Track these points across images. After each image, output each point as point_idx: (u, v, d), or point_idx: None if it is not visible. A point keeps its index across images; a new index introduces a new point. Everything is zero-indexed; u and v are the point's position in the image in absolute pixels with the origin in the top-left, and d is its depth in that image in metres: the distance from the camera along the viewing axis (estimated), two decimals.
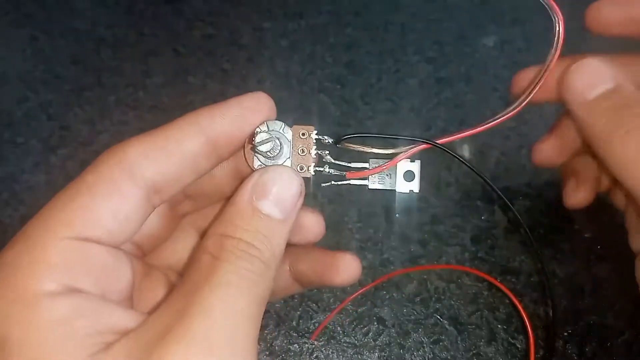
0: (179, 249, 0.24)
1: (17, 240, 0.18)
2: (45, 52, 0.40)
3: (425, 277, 0.34)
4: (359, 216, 0.35)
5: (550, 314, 0.32)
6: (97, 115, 0.38)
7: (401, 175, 0.24)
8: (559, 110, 0.39)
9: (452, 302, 0.33)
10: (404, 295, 0.33)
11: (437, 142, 0.23)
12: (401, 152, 0.23)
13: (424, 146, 0.23)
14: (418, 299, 0.33)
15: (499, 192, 0.27)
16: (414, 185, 0.24)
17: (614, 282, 0.33)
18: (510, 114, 0.25)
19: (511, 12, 0.42)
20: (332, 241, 0.35)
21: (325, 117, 0.38)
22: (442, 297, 0.33)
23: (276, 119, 0.22)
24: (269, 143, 0.21)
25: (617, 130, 0.22)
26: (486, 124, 0.24)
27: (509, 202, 0.27)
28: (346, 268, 0.24)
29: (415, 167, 0.24)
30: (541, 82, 0.26)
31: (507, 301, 0.33)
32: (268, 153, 0.21)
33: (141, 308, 0.20)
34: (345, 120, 0.38)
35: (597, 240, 0.34)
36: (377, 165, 0.23)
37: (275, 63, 0.40)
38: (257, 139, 0.21)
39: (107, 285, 0.18)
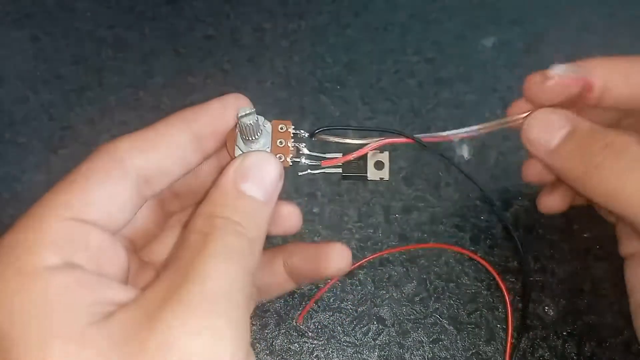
0: (168, 246, 0.25)
1: (18, 223, 0.19)
2: (46, 52, 0.40)
3: (424, 276, 0.34)
4: (358, 216, 0.35)
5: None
6: (98, 116, 0.38)
7: (372, 165, 0.26)
8: None
9: (452, 302, 0.33)
10: (403, 295, 0.33)
11: (402, 132, 0.25)
12: (370, 142, 0.25)
13: (390, 140, 0.25)
14: (417, 298, 0.33)
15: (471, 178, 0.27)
16: (384, 174, 0.26)
17: (612, 281, 0.33)
18: (484, 130, 0.27)
19: (510, 13, 0.42)
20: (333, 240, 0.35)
21: (325, 117, 0.38)
22: (442, 297, 0.33)
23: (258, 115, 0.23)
24: (252, 116, 0.22)
25: (587, 168, 0.23)
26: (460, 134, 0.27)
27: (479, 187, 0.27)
28: (337, 257, 0.26)
29: (385, 157, 0.26)
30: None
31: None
32: (249, 128, 0.22)
33: None
34: (345, 121, 0.38)
35: (596, 240, 0.34)
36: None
37: (275, 63, 0.40)
38: (241, 112, 0.22)
39: (103, 265, 0.19)
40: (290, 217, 0.25)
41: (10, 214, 0.36)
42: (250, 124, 0.22)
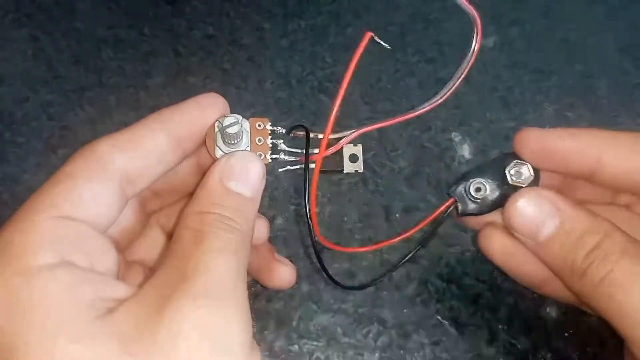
0: (149, 246, 0.26)
1: (9, 224, 0.19)
2: (46, 53, 0.40)
3: (425, 277, 0.34)
4: (359, 216, 0.35)
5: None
6: (97, 116, 0.38)
7: (347, 158, 0.27)
8: (559, 112, 0.39)
9: (453, 303, 0.33)
10: (404, 296, 0.33)
11: (375, 125, 0.26)
12: (344, 137, 0.25)
13: (362, 130, 0.25)
14: (419, 299, 0.33)
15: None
16: (358, 166, 0.27)
17: None
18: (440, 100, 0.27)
19: (510, 13, 0.42)
20: (332, 241, 0.35)
21: (325, 117, 0.38)
22: (443, 298, 0.33)
23: (234, 114, 0.24)
24: (236, 126, 0.23)
25: (574, 275, 0.22)
26: (414, 112, 0.26)
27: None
28: (280, 277, 0.28)
29: (358, 150, 0.27)
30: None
31: (509, 301, 0.33)
32: (233, 135, 0.23)
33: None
34: (346, 121, 0.38)
35: None
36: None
37: (275, 63, 0.40)
38: (226, 122, 0.23)
39: (96, 263, 0.20)
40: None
41: (10, 214, 0.36)
42: (235, 133, 0.23)
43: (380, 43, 0.23)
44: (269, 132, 0.24)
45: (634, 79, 0.40)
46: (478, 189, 0.26)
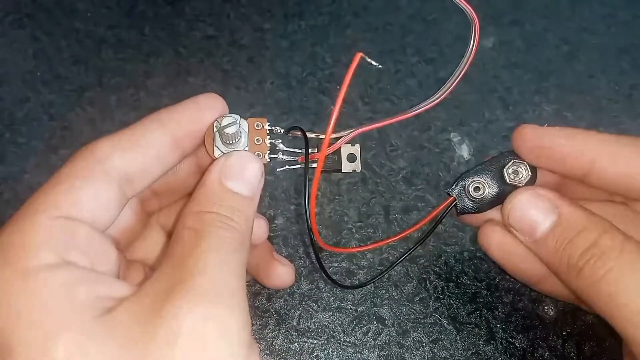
0: (149, 245, 0.26)
1: (9, 224, 0.19)
2: (47, 53, 0.40)
3: (424, 276, 0.34)
4: (358, 216, 0.35)
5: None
6: (98, 116, 0.38)
7: (345, 158, 0.27)
8: (558, 112, 0.39)
9: (452, 302, 0.33)
10: (403, 295, 0.33)
11: (370, 126, 0.26)
12: (342, 137, 0.25)
13: (360, 130, 0.25)
14: (417, 298, 0.33)
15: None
16: (356, 166, 0.27)
17: None
18: (436, 101, 0.27)
19: (510, 13, 0.42)
20: (332, 241, 0.35)
21: (325, 117, 0.38)
22: (441, 297, 0.33)
23: (232, 114, 0.24)
24: (234, 126, 0.23)
25: (571, 272, 0.22)
26: (410, 112, 0.26)
27: None
28: (279, 276, 0.28)
29: (356, 150, 0.27)
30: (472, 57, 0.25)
31: (507, 300, 0.33)
32: (231, 136, 0.23)
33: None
34: (346, 121, 0.38)
35: None
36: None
37: (275, 64, 0.40)
38: (224, 122, 0.23)
39: (96, 262, 0.20)
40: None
41: (11, 214, 0.36)
42: (233, 133, 0.23)
43: (371, 63, 0.23)
44: (268, 132, 0.25)
45: (633, 79, 0.40)
46: (477, 189, 0.26)
